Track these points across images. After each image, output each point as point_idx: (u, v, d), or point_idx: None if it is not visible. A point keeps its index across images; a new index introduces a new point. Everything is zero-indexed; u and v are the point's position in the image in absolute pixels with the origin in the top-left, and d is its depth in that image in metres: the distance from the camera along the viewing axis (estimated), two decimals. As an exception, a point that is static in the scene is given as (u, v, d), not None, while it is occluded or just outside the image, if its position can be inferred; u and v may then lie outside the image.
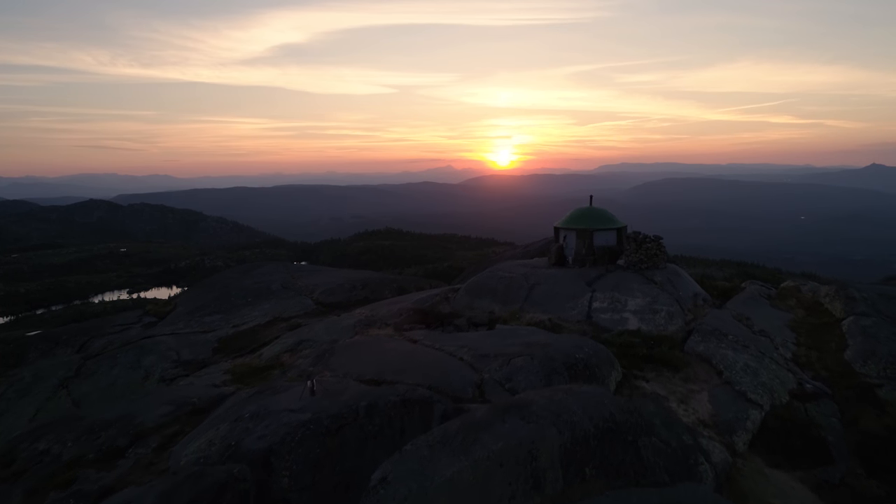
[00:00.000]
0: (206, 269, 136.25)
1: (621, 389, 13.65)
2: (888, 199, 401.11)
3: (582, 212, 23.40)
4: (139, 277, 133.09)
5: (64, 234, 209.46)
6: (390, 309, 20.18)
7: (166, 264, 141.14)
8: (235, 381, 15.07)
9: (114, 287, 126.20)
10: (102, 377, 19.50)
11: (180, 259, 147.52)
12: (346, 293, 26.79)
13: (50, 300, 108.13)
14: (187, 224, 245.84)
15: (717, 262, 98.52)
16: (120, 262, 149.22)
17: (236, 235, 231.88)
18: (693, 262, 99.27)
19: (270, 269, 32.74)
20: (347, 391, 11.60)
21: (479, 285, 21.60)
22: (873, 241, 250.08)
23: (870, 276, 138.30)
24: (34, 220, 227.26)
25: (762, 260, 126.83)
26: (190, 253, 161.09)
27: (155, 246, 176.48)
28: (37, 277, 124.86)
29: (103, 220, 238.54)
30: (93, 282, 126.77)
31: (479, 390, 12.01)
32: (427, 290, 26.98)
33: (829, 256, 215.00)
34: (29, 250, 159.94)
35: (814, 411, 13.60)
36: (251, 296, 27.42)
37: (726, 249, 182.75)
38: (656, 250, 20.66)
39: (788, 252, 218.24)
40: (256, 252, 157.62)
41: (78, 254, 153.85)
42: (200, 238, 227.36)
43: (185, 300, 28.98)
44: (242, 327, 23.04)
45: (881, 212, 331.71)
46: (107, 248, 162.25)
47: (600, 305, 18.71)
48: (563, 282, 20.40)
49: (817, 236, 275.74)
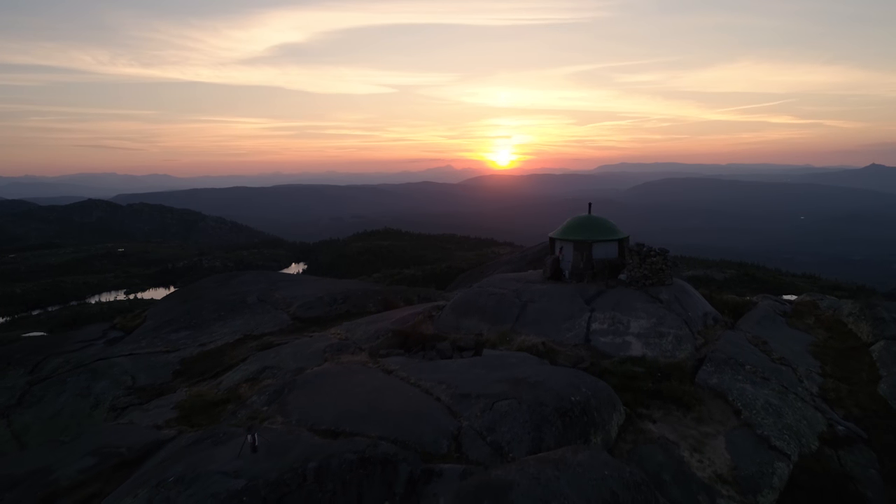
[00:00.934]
0: (203, 270, 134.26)
1: (624, 434, 11.74)
2: (888, 198, 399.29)
3: (580, 221, 21.32)
4: (136, 278, 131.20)
5: (62, 233, 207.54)
6: (367, 330, 18.26)
7: (164, 264, 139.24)
8: (181, 420, 13.16)
9: (111, 287, 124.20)
10: (48, 405, 17.56)
11: (178, 259, 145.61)
12: (325, 307, 24.80)
13: (46, 301, 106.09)
14: (186, 224, 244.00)
15: (717, 263, 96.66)
16: (118, 263, 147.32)
17: (235, 235, 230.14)
18: (693, 262, 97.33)
19: (250, 279, 30.76)
20: (297, 446, 9.67)
21: (467, 303, 19.60)
22: (873, 241, 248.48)
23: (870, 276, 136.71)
24: (33, 219, 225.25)
25: (762, 260, 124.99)
26: (188, 253, 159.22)
27: (153, 246, 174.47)
28: (34, 278, 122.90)
29: (102, 219, 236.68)
30: (90, 282, 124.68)
31: (455, 443, 10.07)
32: (414, 304, 25.04)
33: (829, 256, 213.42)
34: (27, 250, 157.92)
35: (848, 460, 11.69)
36: (225, 309, 25.42)
37: (726, 249, 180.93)
38: (662, 265, 18.68)
39: (788, 252, 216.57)
40: (254, 252, 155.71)
41: (75, 254, 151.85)
42: (199, 238, 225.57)
43: (156, 313, 27.01)
44: (210, 346, 21.07)
45: (881, 212, 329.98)
46: (105, 249, 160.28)
47: (600, 327, 16.77)
48: (559, 299, 18.42)
49: (817, 236, 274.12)
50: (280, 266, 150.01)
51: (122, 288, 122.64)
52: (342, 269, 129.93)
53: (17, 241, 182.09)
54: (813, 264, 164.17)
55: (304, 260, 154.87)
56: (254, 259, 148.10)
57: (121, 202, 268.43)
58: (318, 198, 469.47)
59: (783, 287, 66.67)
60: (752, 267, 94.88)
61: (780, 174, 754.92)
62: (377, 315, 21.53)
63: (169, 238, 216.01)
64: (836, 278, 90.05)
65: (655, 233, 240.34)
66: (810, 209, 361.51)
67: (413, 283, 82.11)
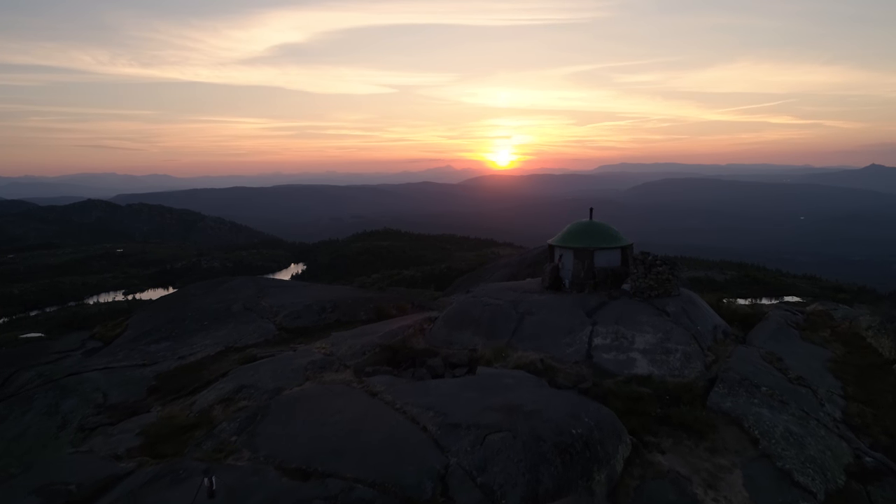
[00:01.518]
0: (202, 270, 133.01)
1: (630, 468, 10.59)
2: (887, 199, 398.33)
3: (581, 227, 20.06)
4: (135, 278, 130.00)
5: (61, 234, 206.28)
6: (354, 344, 17.07)
7: (163, 265, 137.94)
8: (145, 450, 12.01)
9: (109, 288, 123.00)
10: (12, 425, 16.39)
11: (177, 260, 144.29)
12: (314, 316, 23.39)
13: (44, 301, 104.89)
14: (186, 224, 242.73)
15: (717, 264, 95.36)
16: (116, 263, 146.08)
17: (235, 235, 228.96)
18: (693, 263, 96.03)
19: (238, 285, 29.46)
20: (259, 491, 8.53)
21: (460, 314, 18.35)
22: (872, 242, 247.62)
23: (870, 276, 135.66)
24: (32, 220, 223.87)
25: (762, 260, 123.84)
26: (187, 253, 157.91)
27: (152, 246, 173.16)
28: (32, 278, 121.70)
29: (101, 220, 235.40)
30: (88, 283, 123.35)
31: (441, 485, 8.92)
32: (407, 313, 23.86)
33: (829, 257, 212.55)
34: (25, 251, 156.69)
35: (878, 496, 10.54)
36: (208, 318, 23.99)
37: (726, 250, 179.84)
38: (668, 275, 17.50)
39: (788, 252, 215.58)
40: (253, 253, 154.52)
41: (74, 254, 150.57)
42: (199, 238, 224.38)
43: (137, 322, 25.85)
44: (189, 359, 19.86)
45: (880, 212, 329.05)
46: (103, 249, 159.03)
47: (602, 342, 15.58)
48: (559, 311, 17.22)
49: (816, 236, 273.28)
50: (279, 266, 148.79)
51: (120, 288, 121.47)
52: (341, 269, 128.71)
53: (16, 241, 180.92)
54: (813, 265, 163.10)
55: (303, 261, 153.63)
56: (253, 260, 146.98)
57: (120, 202, 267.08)
58: (318, 198, 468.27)
59: (784, 288, 65.65)
60: (752, 268, 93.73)
61: (780, 174, 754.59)
62: (366, 327, 20.35)
63: (168, 238, 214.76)
64: (837, 279, 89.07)
65: (655, 233, 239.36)
66: (810, 209, 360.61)
67: (412, 285, 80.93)
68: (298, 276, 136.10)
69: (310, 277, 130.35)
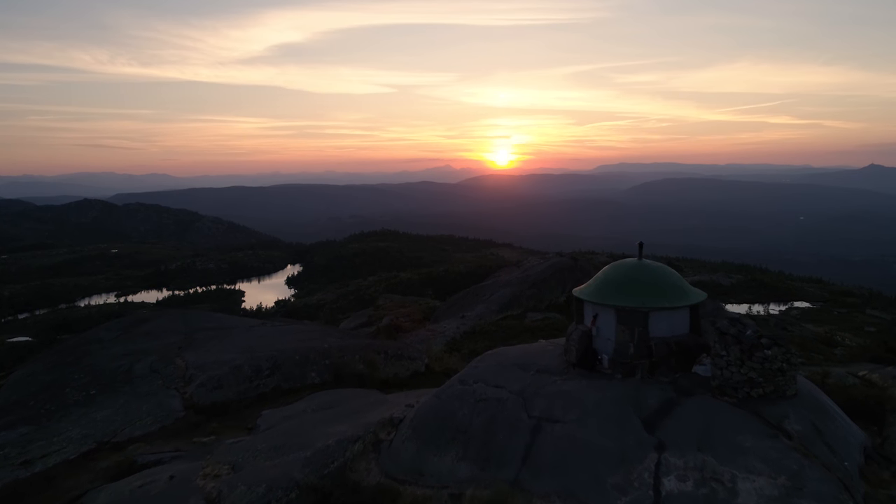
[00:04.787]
0: (197, 272, 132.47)
1: None
2: (886, 199, 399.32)
3: (627, 273, 12.58)
4: (129, 280, 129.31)
5: (57, 234, 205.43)
6: (262, 474, 11.66)
7: (157, 266, 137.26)
8: None
9: (101, 290, 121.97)
10: None
11: (172, 261, 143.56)
12: (242, 383, 18.20)
13: (35, 304, 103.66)
14: (183, 224, 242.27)
15: (721, 266, 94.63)
16: (110, 264, 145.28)
17: (232, 236, 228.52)
18: (695, 265, 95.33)
19: (160, 327, 24.31)
20: None
21: (439, 420, 12.06)
22: (872, 242, 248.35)
23: (871, 276, 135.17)
24: (28, 219, 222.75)
25: (762, 261, 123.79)
26: (182, 254, 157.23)
27: (147, 247, 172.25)
28: (24, 279, 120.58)
29: (98, 219, 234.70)
30: (80, 284, 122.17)
31: None
32: (378, 369, 19.67)
33: (829, 257, 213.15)
34: (19, 251, 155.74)
35: None
36: (99, 384, 18.70)
37: (726, 250, 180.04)
38: (783, 364, 10.48)
39: (788, 252, 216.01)
40: (249, 254, 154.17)
41: (68, 255, 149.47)
42: (196, 238, 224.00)
43: (10, 385, 20.33)
44: (37, 466, 14.11)
45: (879, 212, 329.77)
46: (98, 249, 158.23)
47: (679, 488, 8.81)
48: (597, 416, 10.47)
49: (816, 236, 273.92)
50: (275, 268, 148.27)
51: (113, 290, 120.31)
52: (338, 271, 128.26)
53: (13, 240, 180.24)
54: (813, 265, 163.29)
55: (299, 262, 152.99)
56: (249, 261, 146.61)
57: (119, 202, 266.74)
58: (317, 197, 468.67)
59: (792, 293, 63.06)
60: (757, 271, 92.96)
61: (779, 174, 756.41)
62: (287, 438, 13.72)
63: (165, 238, 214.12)
64: (841, 281, 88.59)
65: (655, 233, 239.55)
66: (809, 209, 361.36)
67: (409, 288, 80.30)
68: (294, 279, 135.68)
69: (306, 280, 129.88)
